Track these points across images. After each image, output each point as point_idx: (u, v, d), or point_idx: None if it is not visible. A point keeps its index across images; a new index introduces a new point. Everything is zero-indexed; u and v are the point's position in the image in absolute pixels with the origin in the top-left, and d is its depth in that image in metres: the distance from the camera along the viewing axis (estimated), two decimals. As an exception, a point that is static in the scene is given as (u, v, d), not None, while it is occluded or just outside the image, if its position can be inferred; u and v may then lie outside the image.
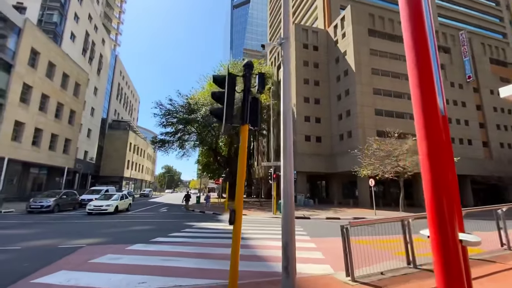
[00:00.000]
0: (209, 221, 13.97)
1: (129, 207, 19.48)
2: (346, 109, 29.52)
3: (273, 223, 13.65)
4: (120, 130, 49.56)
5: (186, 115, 30.04)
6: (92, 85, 39.44)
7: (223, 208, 20.74)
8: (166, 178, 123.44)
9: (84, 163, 37.86)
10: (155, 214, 17.10)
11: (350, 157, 27.37)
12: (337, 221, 15.64)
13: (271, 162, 18.90)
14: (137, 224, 12.14)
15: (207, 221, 13.92)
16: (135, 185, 55.17)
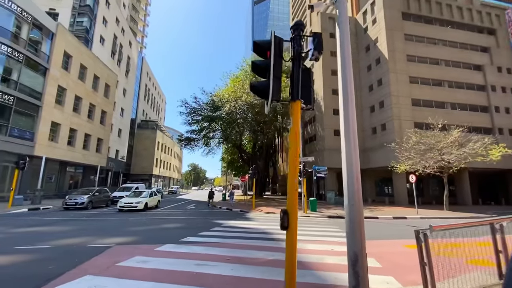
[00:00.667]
0: (237, 219, 13.36)
1: (158, 204, 19.54)
2: (379, 100, 27.46)
3: (306, 222, 12.68)
4: (148, 130, 51.06)
5: (211, 112, 29.86)
6: (121, 87, 40.80)
7: (250, 205, 20.11)
8: (192, 175, 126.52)
9: (115, 161, 39.36)
10: (183, 211, 16.89)
11: (385, 151, 25.45)
12: (375, 220, 14.30)
13: (300, 157, 17.85)
14: (166, 222, 11.83)
15: (236, 219, 13.31)
16: (163, 183, 56.77)
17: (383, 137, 26.54)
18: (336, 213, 16.72)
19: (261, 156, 36.31)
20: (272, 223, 11.78)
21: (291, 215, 2.96)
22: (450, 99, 27.37)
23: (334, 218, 14.86)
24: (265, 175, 37.85)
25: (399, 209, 20.33)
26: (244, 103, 26.24)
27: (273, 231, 9.44)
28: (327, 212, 17.39)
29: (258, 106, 26.49)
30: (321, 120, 30.00)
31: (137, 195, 17.80)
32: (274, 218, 14.26)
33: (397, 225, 12.47)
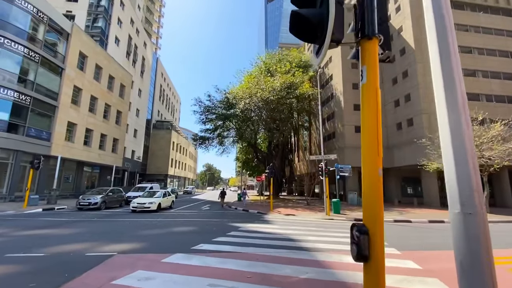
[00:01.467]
0: (255, 221, 12.29)
1: (172, 204, 18.87)
2: (405, 94, 25.48)
3: (331, 226, 11.38)
4: (163, 130, 51.23)
5: (225, 110, 29.03)
6: (136, 87, 40.99)
7: (267, 206, 18.98)
8: (207, 176, 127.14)
9: (131, 161, 39.54)
10: (197, 213, 16.05)
11: (412, 148, 23.53)
12: (409, 224, 12.75)
13: (321, 155, 16.54)
14: (178, 224, 10.96)
15: (253, 221, 12.25)
16: (178, 183, 56.86)
17: (409, 133, 24.57)
18: (362, 215, 15.25)
19: (276, 155, 35.07)
20: (295, 227, 10.60)
21: (375, 236, 1.82)
22: (485, 91, 24.94)
23: (362, 222, 13.44)
24: (281, 175, 36.57)
25: (430, 212, 18.47)
26: (259, 100, 25.15)
27: (298, 238, 8.28)
28: (352, 214, 15.96)
29: (274, 102, 25.33)
30: (341, 116, 28.37)
31: (151, 195, 17.19)
32: (294, 221, 13.06)
33: (442, 230, 10.91)
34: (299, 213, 16.60)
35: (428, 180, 22.96)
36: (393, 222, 13.55)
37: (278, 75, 27.82)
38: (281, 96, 25.37)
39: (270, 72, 30.26)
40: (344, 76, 28.42)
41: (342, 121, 28.11)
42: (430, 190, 22.80)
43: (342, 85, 28.31)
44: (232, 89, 29.68)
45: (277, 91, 25.40)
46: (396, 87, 26.93)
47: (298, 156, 43.44)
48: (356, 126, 27.65)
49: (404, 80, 25.68)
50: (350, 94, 28.16)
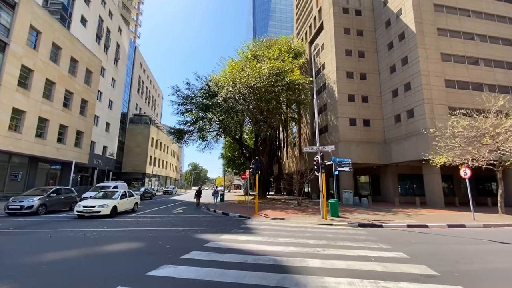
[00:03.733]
0: (233, 230, 9.25)
1: (135, 207, 15.49)
2: (404, 82, 23.17)
3: (335, 237, 8.49)
4: (141, 125, 47.15)
5: (206, 100, 25.73)
6: (109, 76, 36.91)
7: (252, 208, 15.93)
8: (193, 175, 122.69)
9: (103, 158, 35.50)
10: (162, 218, 12.79)
11: (412, 142, 21.23)
12: (429, 231, 10.08)
13: (317, 146, 13.69)
14: (120, 239, 7.75)
15: (231, 230, 9.20)
16: (158, 182, 52.83)
17: (410, 126, 22.27)
18: (366, 219, 12.52)
19: (264, 152, 32.10)
20: (286, 240, 7.64)
21: None
22: (489, 80, 23.04)
23: (368, 228, 10.67)
24: (268, 173, 33.67)
25: (440, 213, 16.06)
26: (244, 87, 22.08)
27: (294, 263, 5.31)
28: (352, 217, 13.21)
29: (261, 90, 22.34)
30: (334, 107, 25.76)
31: (106, 196, 13.76)
32: (285, 228, 10.10)
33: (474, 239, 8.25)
34: (289, 216, 13.70)
35: (431, 177, 20.70)
36: (407, 227, 10.87)
37: (265, 61, 24.87)
38: (269, 83, 22.43)
39: (257, 59, 27.24)
40: (338, 64, 25.84)
41: (335, 113, 25.50)
42: (433, 188, 20.54)
43: (335, 74, 25.71)
44: (214, 75, 26.42)
45: (265, 77, 22.45)
46: (394, 76, 24.60)
47: (287, 153, 40.72)
48: (350, 118, 25.15)
49: (404, 67, 23.37)
50: (344, 83, 25.61)
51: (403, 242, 7.67)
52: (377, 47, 27.27)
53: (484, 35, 24.09)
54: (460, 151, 15.73)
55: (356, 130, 24.94)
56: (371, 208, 18.65)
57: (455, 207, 20.23)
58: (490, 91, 22.87)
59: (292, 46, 31.63)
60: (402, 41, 23.79)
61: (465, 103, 21.22)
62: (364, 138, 24.88)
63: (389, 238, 8.34)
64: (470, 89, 22.53)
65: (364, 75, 26.41)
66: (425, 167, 20.96)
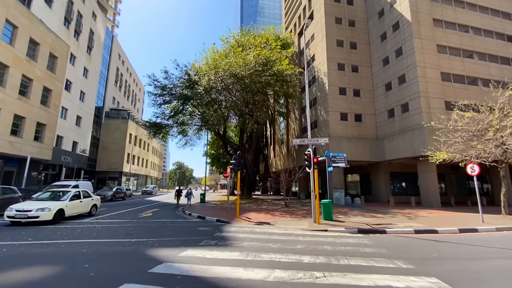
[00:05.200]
0: (204, 240, 7.14)
1: (93, 210, 12.98)
2: (398, 75, 21.81)
3: (335, 251, 6.54)
4: (118, 119, 43.82)
5: (186, 90, 23.35)
6: (81, 65, 33.62)
7: (233, 211, 13.78)
8: (177, 175, 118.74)
9: (73, 155, 32.23)
10: (121, 224, 10.45)
11: (407, 138, 19.89)
12: (437, 236, 8.39)
13: (308, 138, 11.77)
14: (33, 259, 5.44)
15: (200, 242, 7.08)
16: (137, 182, 49.56)
17: (404, 121, 20.93)
18: (364, 222, 10.73)
19: (250, 149, 30.08)
20: (273, 257, 5.62)
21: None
22: (483, 75, 22.10)
23: (370, 235, 8.85)
24: (254, 172, 31.67)
25: (441, 214, 14.60)
26: (228, 75, 19.91)
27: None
28: (348, 220, 11.41)
29: (247, 80, 20.26)
30: (325, 101, 24.09)
31: (55, 197, 11.23)
32: (271, 237, 8.09)
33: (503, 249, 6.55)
34: (276, 220, 11.72)
35: (427, 176, 19.39)
36: (415, 233, 9.15)
37: (252, 48, 22.81)
38: (255, 72, 20.40)
39: (242, 46, 25.09)
40: (329, 54, 24.20)
41: (326, 107, 23.83)
42: (429, 187, 19.23)
43: (326, 65, 24.04)
44: (195, 63, 24.04)
45: (250, 66, 20.39)
46: (387, 68, 23.24)
47: (274, 150, 38.88)
48: (342, 112, 23.57)
49: (398, 59, 22.02)
50: (335, 76, 24.00)
51: (424, 257, 5.83)
52: (369, 38, 25.87)
53: (479, 28, 23.17)
54: (462, 146, 14.33)
55: (348, 125, 23.39)
56: (365, 209, 17.02)
57: (451, 207, 19.02)
58: (485, 86, 21.97)
59: (281, 36, 29.75)
60: (396, 31, 22.44)
61: (460, 98, 19.98)
62: (356, 134, 23.39)
63: (403, 250, 6.50)
64: (466, 83, 21.49)
65: (356, 67, 24.93)
66: (420, 165, 19.65)
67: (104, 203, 21.39)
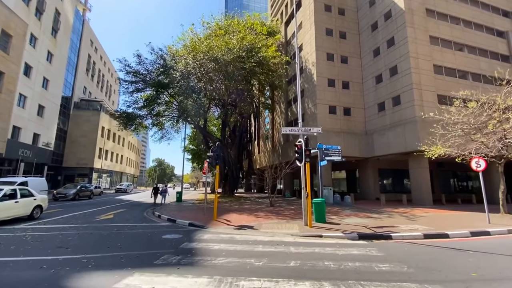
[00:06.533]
0: (165, 255, 5.24)
1: (37, 212, 10.56)
2: (390, 66, 20.71)
3: (337, 269, 4.84)
4: (89, 111, 40.21)
5: (162, 76, 20.95)
6: (43, 48, 29.99)
7: (211, 212, 11.78)
8: (157, 172, 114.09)
9: (34, 149, 28.75)
10: (62, 231, 8.23)
11: (398, 133, 18.88)
12: (452, 242, 6.98)
13: (299, 127, 10.07)
14: None
15: (160, 256, 5.17)
16: (111, 179, 46.06)
17: (395, 114, 19.88)
18: (362, 225, 9.22)
19: (233, 144, 28.14)
20: (255, 285, 3.79)
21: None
22: (474, 69, 21.51)
23: (374, 241, 7.29)
24: (238, 168, 29.77)
25: (438, 213, 13.49)
26: (208, 59, 17.80)
27: None
28: (343, 222, 9.87)
29: (229, 65, 18.25)
30: (313, 93, 22.61)
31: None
32: (253, 247, 6.30)
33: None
34: (261, 222, 9.96)
35: (419, 172, 18.44)
36: (424, 238, 7.72)
37: (236, 33, 20.80)
38: (239, 58, 18.44)
39: (226, 31, 22.96)
40: (318, 43, 22.70)
41: (314, 100, 22.36)
42: (420, 184, 18.28)
43: (314, 55, 22.54)
44: (171, 47, 21.59)
45: (234, 51, 18.39)
46: (378, 59, 22.10)
47: (259, 146, 37.15)
48: (330, 105, 22.21)
49: (390, 49, 20.91)
50: (324, 66, 22.56)
51: (463, 277, 4.29)
52: (359, 28, 24.66)
53: (470, 22, 22.58)
54: (461, 140, 13.26)
55: (336, 119, 22.07)
56: (356, 207, 15.69)
57: (442, 205, 18.17)
58: (474, 80, 21.42)
59: (267, 24, 27.94)
60: (388, 21, 21.30)
61: (452, 92, 19.23)
62: (345, 128, 22.13)
63: (428, 266, 4.92)
64: (457, 76, 20.78)
65: (345, 58, 23.63)
66: (412, 161, 18.69)
67: (63, 203, 18.71)
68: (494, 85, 21.55)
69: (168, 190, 19.21)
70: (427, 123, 17.42)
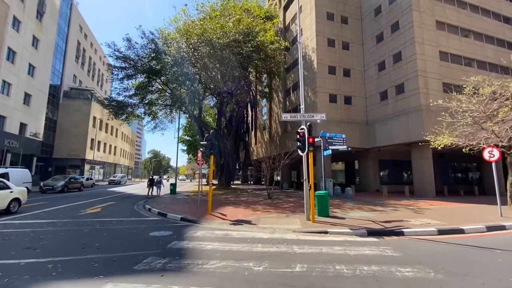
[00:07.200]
0: (149, 257, 4.44)
1: (14, 205, 9.69)
2: (394, 52, 19.78)
3: (352, 274, 4.08)
4: (79, 100, 38.76)
5: (154, 61, 19.76)
6: (28, 32, 28.32)
7: (205, 204, 10.90)
8: (153, 163, 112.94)
9: (21, 139, 27.53)
10: (36, 228, 7.39)
11: (401, 122, 18.16)
12: (467, 239, 6.29)
13: (301, 113, 9.23)
14: None
15: (144, 258, 4.38)
16: (104, 170, 44.98)
17: (398, 103, 19.09)
18: (368, 219, 8.52)
19: (229, 135, 27.23)
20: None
21: None
22: (480, 56, 20.70)
23: (386, 238, 6.57)
24: (234, 159, 28.95)
25: (446, 206, 12.90)
26: (202, 43, 16.67)
27: None
28: (347, 216, 9.18)
29: (225, 49, 17.13)
30: (312, 81, 21.65)
31: None
32: (251, 247, 5.53)
33: None
34: (259, 216, 9.22)
35: (422, 163, 17.82)
36: (438, 234, 7.05)
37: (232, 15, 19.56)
38: (235, 42, 17.32)
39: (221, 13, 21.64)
40: (318, 28, 21.59)
41: (313, 88, 21.42)
42: (423, 175, 17.70)
43: (315, 40, 21.46)
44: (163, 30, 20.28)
45: (230, 34, 17.24)
46: (381, 46, 21.13)
47: (256, 137, 36.29)
48: (331, 94, 21.32)
49: (394, 35, 19.93)
50: (324, 52, 21.53)
51: (498, 285, 3.56)
52: (361, 13, 23.53)
53: (476, 6, 21.61)
54: (470, 129, 12.55)
55: (337, 108, 21.22)
56: (358, 200, 15.06)
57: (445, 196, 17.66)
58: (479, 68, 20.63)
59: (264, 8, 26.60)
60: (393, 4, 20.23)
61: (457, 80, 18.50)
62: (345, 118, 21.33)
63: (457, 270, 4.19)
64: (463, 64, 19.95)
65: (347, 44, 22.60)
66: (415, 151, 18.05)
67: (51, 196, 17.78)
68: (499, 73, 20.93)
69: (163, 181, 18.83)
70: (432, 112, 16.71)
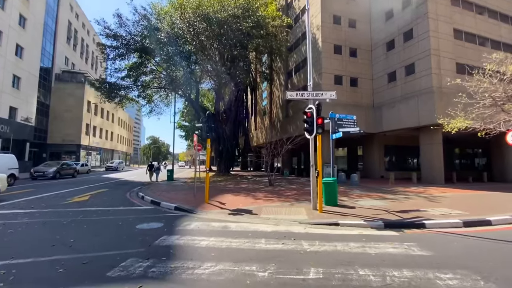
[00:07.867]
0: (128, 260, 3.62)
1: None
2: (404, 30, 18.42)
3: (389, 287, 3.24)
4: (72, 84, 37.29)
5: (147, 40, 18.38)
6: (14, 11, 26.56)
7: (203, 192, 10.01)
8: (152, 150, 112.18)
9: (11, 124, 26.45)
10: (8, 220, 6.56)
11: (411, 105, 17.12)
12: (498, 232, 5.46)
13: (309, 91, 8.22)
14: None
15: (121, 262, 3.57)
16: (101, 156, 44.16)
17: (408, 85, 17.97)
18: (380, 208, 7.71)
19: (228, 120, 26.18)
20: None
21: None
22: (494, 36, 19.36)
23: (406, 231, 5.76)
24: (233, 145, 28.07)
25: (461, 193, 12.11)
26: (198, 18, 15.30)
27: None
28: (357, 205, 8.37)
29: (223, 25, 15.77)
30: (317, 61, 20.34)
31: None
32: (253, 243, 4.69)
33: None
34: (260, 205, 8.41)
35: (430, 148, 16.95)
36: (464, 226, 6.24)
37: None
38: (234, 17, 15.92)
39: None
40: (324, 4, 20.06)
41: (318, 69, 20.16)
42: (432, 161, 16.88)
43: (320, 17, 19.98)
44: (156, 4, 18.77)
45: (228, 8, 15.83)
46: (390, 23, 19.71)
47: (256, 122, 35.21)
48: (336, 75, 20.11)
49: (405, 10, 18.49)
50: (330, 30, 20.13)
51: None
52: (370, -12, 21.87)
53: (494, -20, 20.01)
54: (489, 111, 11.55)
55: (342, 90, 20.07)
56: (365, 187, 14.31)
57: (453, 183, 16.93)
58: (493, 48, 19.27)
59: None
60: (404, -24, 18.65)
61: (471, 60, 17.31)
62: (351, 101, 20.24)
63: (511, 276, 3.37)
64: (477, 43, 18.65)
65: (354, 22, 21.13)
66: (424, 136, 17.14)
67: (40, 182, 16.98)
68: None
69: (161, 167, 18.58)
70: (444, 94, 15.67)
